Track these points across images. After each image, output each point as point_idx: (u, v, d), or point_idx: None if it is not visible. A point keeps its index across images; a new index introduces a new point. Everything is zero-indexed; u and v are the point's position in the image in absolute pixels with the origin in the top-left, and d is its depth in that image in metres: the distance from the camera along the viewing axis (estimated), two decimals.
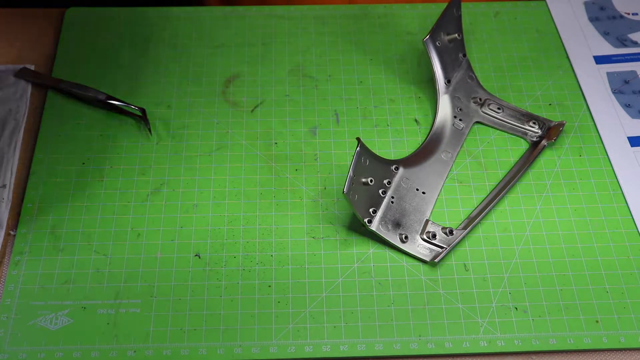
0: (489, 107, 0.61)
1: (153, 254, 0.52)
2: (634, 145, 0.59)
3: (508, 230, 0.54)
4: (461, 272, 0.52)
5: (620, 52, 0.66)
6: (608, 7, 0.70)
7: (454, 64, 0.62)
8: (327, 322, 0.49)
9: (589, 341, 0.49)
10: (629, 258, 0.53)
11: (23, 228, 0.53)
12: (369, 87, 0.63)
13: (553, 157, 0.58)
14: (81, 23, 0.67)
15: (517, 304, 0.50)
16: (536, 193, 0.56)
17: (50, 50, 0.65)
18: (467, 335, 0.49)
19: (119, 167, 0.57)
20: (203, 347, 0.48)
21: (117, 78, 0.63)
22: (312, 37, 0.67)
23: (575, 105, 0.62)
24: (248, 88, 0.63)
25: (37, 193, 0.55)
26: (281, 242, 0.53)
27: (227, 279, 0.51)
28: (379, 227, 0.52)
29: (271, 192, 0.56)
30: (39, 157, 0.57)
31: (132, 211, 0.54)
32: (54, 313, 0.49)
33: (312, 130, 0.60)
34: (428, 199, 0.55)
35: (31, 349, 0.48)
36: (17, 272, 0.51)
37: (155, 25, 0.67)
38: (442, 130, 0.60)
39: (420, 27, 0.68)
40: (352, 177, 0.49)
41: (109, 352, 0.48)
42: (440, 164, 0.58)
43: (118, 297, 0.50)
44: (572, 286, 0.51)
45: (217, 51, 0.65)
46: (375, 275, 0.52)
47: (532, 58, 0.66)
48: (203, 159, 0.58)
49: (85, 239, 0.53)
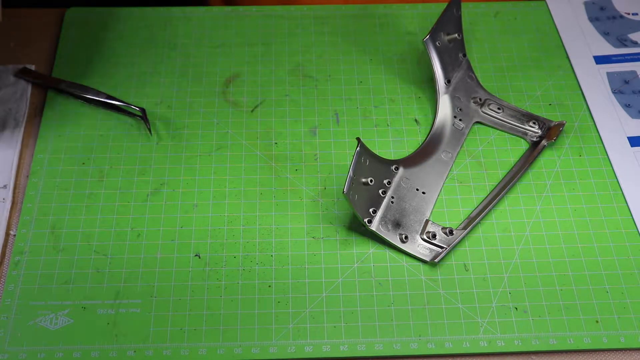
0: (489, 107, 0.61)
1: (153, 254, 0.52)
2: (634, 145, 0.59)
3: (508, 230, 0.54)
4: (461, 272, 0.52)
5: (620, 52, 0.66)
6: (608, 7, 0.70)
7: (454, 64, 0.62)
8: (327, 322, 0.49)
9: (589, 341, 0.49)
10: (629, 258, 0.53)
11: (23, 228, 0.53)
12: (369, 87, 0.63)
13: (553, 157, 0.58)
14: (81, 23, 0.67)
15: (517, 304, 0.50)
16: (536, 193, 0.56)
17: (50, 50, 0.65)
18: (467, 335, 0.49)
19: (119, 167, 0.57)
20: (203, 347, 0.48)
21: (117, 78, 0.63)
22: (312, 37, 0.67)
23: (575, 105, 0.62)
24: (248, 88, 0.63)
25: (37, 193, 0.55)
26: (281, 242, 0.53)
27: (227, 279, 0.51)
28: (379, 227, 0.52)
29: (271, 192, 0.56)
30: (39, 157, 0.57)
31: (132, 211, 0.54)
32: (54, 313, 0.49)
33: (312, 130, 0.60)
34: (428, 199, 0.55)
35: (31, 349, 0.48)
36: (17, 272, 0.51)
37: (155, 25, 0.67)
38: (442, 130, 0.60)
39: (420, 27, 0.68)
40: (352, 177, 0.49)
41: (109, 352, 0.48)
42: (440, 164, 0.58)
43: (118, 297, 0.50)
44: (572, 286, 0.51)
45: (217, 51, 0.65)
46: (375, 275, 0.52)
47: (532, 58, 0.66)
48: (203, 159, 0.58)
49: (85, 239, 0.53)
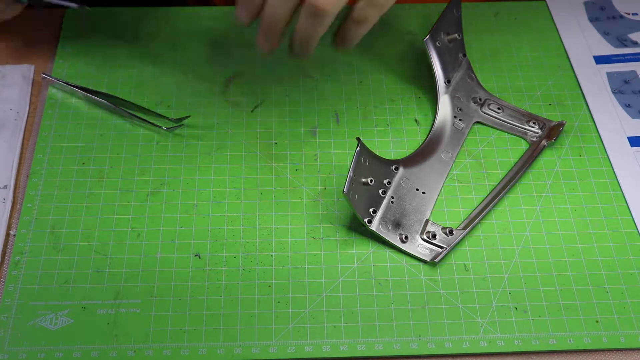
0: (489, 107, 0.61)
1: (153, 254, 0.52)
2: (634, 145, 0.59)
3: (508, 230, 0.54)
4: (461, 272, 0.52)
5: (620, 52, 0.66)
6: (608, 7, 0.70)
7: (454, 64, 0.62)
8: (327, 322, 0.49)
9: (589, 341, 0.49)
10: (629, 258, 0.53)
11: (23, 228, 0.53)
12: (369, 87, 0.63)
13: (553, 157, 0.58)
14: (81, 23, 0.67)
15: (517, 304, 0.50)
16: (536, 193, 0.56)
17: (50, 50, 0.65)
18: (467, 335, 0.49)
19: (119, 167, 0.57)
20: (203, 347, 0.48)
21: (117, 78, 0.63)
22: None
23: (575, 105, 0.62)
24: (248, 88, 0.63)
25: (37, 193, 0.55)
26: (281, 242, 0.53)
27: (227, 279, 0.51)
28: (379, 227, 0.52)
29: (271, 192, 0.56)
30: (39, 157, 0.57)
31: (132, 211, 0.54)
32: (54, 313, 0.49)
33: (312, 130, 0.60)
34: (428, 199, 0.55)
35: (31, 349, 0.48)
36: (17, 272, 0.51)
37: (155, 25, 0.67)
38: (442, 130, 0.60)
39: (420, 27, 0.68)
40: (352, 177, 0.49)
41: (109, 352, 0.48)
42: (440, 164, 0.58)
43: (118, 297, 0.50)
44: (572, 286, 0.51)
45: (217, 51, 0.65)
46: (375, 275, 0.52)
47: (532, 58, 0.66)
48: (203, 159, 0.58)
49: (85, 239, 0.53)
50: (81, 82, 0.61)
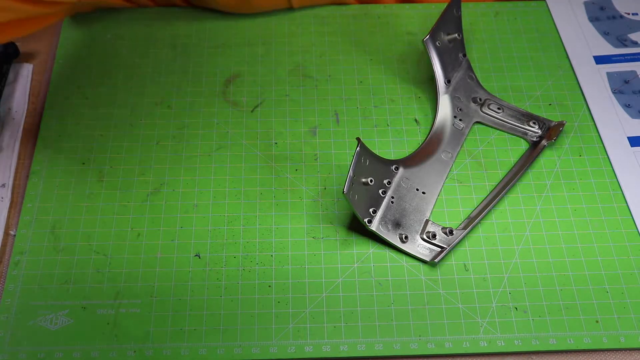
0: (489, 107, 0.61)
1: (153, 254, 0.52)
2: (634, 145, 0.59)
3: (508, 230, 0.54)
4: (461, 272, 0.52)
5: (620, 52, 0.66)
6: (608, 7, 0.70)
7: (454, 64, 0.62)
8: (327, 322, 0.49)
9: (589, 341, 0.49)
10: (629, 258, 0.53)
11: (23, 228, 0.53)
12: (369, 87, 0.63)
13: (553, 157, 0.59)
14: (81, 23, 0.67)
15: (517, 304, 0.50)
16: (536, 193, 0.56)
17: (51, 50, 0.65)
18: (467, 335, 0.49)
19: (119, 167, 0.57)
20: (203, 347, 0.48)
21: (117, 78, 0.63)
22: (312, 37, 0.67)
23: (575, 105, 0.62)
24: (248, 88, 0.63)
25: (37, 193, 0.55)
26: (281, 242, 0.53)
27: (227, 279, 0.51)
28: (379, 227, 0.52)
29: (271, 192, 0.56)
30: (39, 157, 0.57)
31: (132, 211, 0.55)
32: (54, 313, 0.49)
33: (312, 130, 0.60)
34: (428, 199, 0.55)
35: (31, 349, 0.48)
36: (17, 272, 0.51)
37: (155, 25, 0.67)
38: (442, 130, 0.60)
39: (420, 27, 0.68)
40: (352, 177, 0.49)
41: (109, 352, 0.48)
42: (440, 164, 0.58)
43: (118, 297, 0.50)
44: (572, 286, 0.51)
45: (217, 51, 0.65)
46: (375, 275, 0.52)
47: (532, 58, 0.66)
48: (203, 159, 0.58)
49: (85, 239, 0.53)
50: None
